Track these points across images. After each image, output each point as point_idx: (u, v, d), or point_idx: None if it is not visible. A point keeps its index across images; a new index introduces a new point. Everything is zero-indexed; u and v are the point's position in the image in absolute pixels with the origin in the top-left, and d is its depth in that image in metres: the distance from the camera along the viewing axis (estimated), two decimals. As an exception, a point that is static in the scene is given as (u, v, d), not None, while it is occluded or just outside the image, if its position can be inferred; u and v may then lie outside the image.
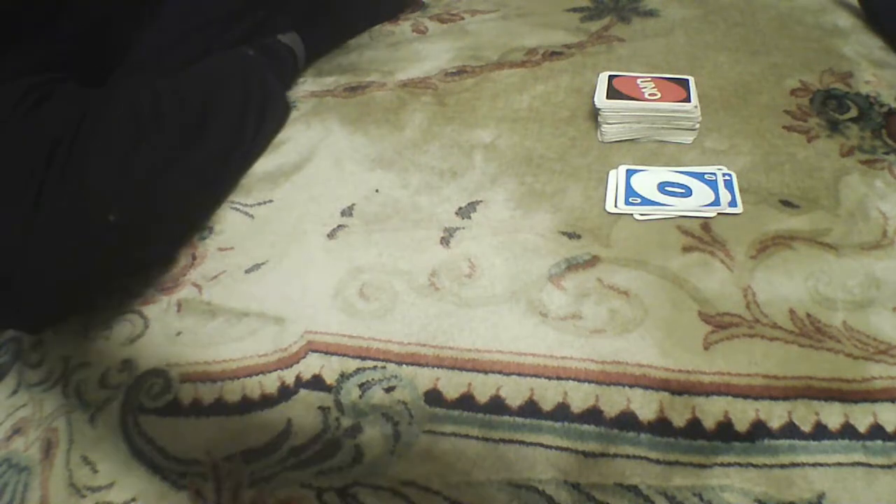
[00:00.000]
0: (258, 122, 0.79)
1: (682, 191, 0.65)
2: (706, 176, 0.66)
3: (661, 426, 0.48)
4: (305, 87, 0.93)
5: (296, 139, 0.82)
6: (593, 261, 0.60)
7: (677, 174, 0.67)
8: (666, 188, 0.66)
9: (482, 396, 0.52)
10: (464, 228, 0.66)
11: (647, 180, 0.67)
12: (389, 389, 0.54)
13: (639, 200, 0.64)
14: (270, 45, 0.91)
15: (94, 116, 0.62)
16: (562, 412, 0.50)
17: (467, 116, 0.81)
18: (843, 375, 0.49)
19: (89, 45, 0.73)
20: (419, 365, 0.55)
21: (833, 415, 0.47)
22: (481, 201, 0.69)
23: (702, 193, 0.64)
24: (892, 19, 0.84)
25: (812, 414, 0.48)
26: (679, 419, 0.49)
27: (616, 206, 0.65)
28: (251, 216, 0.72)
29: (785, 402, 0.48)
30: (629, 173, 0.68)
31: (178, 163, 0.65)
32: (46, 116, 0.60)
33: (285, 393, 0.55)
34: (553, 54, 0.90)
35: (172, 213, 0.67)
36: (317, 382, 0.55)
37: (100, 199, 0.58)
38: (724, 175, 0.66)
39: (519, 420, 0.50)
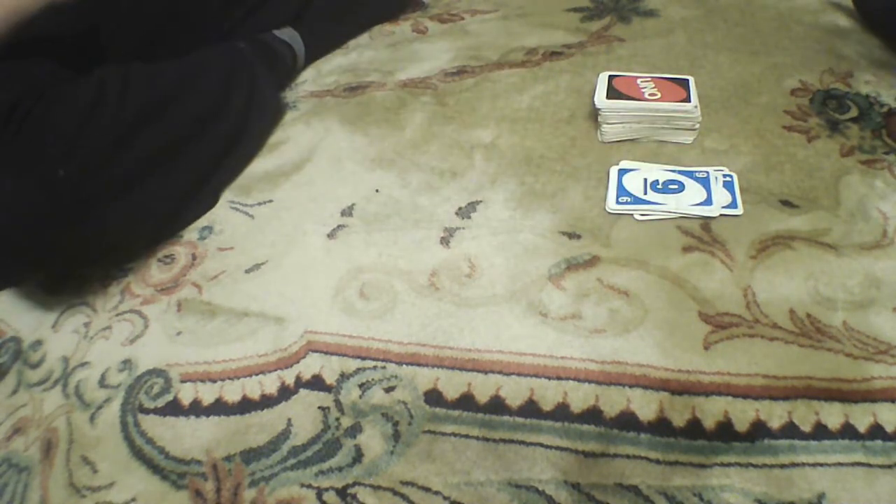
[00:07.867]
0: (243, 116, 0.78)
1: (675, 187, 0.65)
2: (697, 174, 0.66)
3: (661, 426, 0.48)
4: (305, 87, 0.93)
5: (296, 139, 0.82)
6: (593, 261, 0.60)
7: (668, 172, 0.67)
8: (657, 187, 0.66)
9: (482, 396, 0.52)
10: (464, 228, 0.66)
11: (639, 179, 0.67)
12: (389, 389, 0.54)
13: (629, 199, 0.64)
14: (266, 41, 0.90)
15: (60, 87, 0.63)
16: (562, 412, 0.50)
17: (467, 116, 0.81)
18: (843, 375, 0.49)
19: (79, 41, 0.73)
20: (419, 365, 0.55)
21: (833, 415, 0.47)
22: (481, 201, 0.69)
23: (693, 191, 0.64)
24: (886, 19, 0.84)
25: (812, 414, 0.48)
26: (679, 419, 0.49)
27: (610, 206, 0.65)
28: (251, 216, 0.72)
29: (785, 402, 0.48)
30: (620, 173, 0.68)
31: (135, 138, 0.66)
32: (15, 83, 0.62)
33: (285, 393, 0.55)
34: (553, 54, 0.90)
35: (127, 184, 0.66)
36: (317, 382, 0.55)
37: (50, 151, 0.59)
38: (724, 176, 0.66)
39: (519, 420, 0.50)
